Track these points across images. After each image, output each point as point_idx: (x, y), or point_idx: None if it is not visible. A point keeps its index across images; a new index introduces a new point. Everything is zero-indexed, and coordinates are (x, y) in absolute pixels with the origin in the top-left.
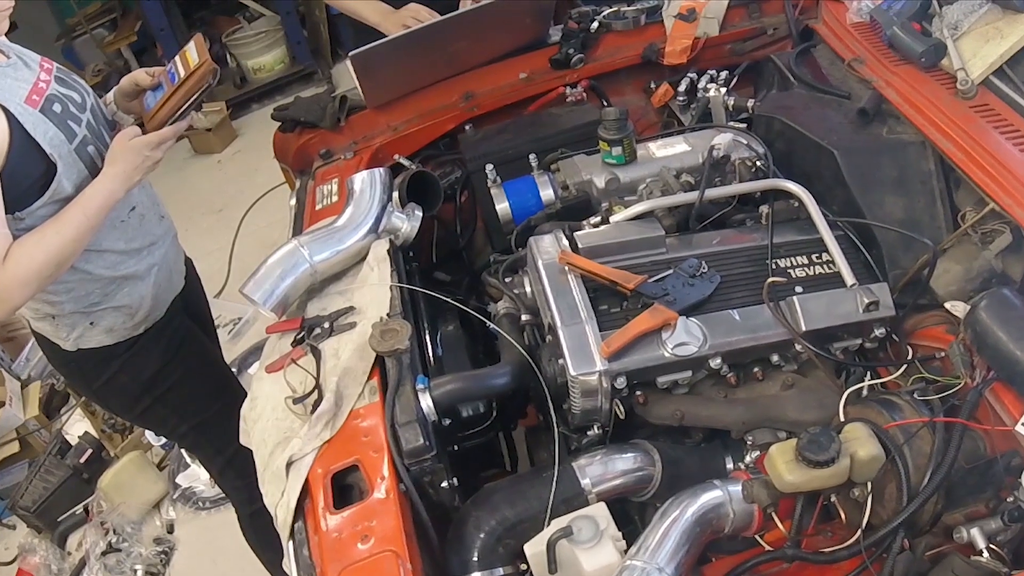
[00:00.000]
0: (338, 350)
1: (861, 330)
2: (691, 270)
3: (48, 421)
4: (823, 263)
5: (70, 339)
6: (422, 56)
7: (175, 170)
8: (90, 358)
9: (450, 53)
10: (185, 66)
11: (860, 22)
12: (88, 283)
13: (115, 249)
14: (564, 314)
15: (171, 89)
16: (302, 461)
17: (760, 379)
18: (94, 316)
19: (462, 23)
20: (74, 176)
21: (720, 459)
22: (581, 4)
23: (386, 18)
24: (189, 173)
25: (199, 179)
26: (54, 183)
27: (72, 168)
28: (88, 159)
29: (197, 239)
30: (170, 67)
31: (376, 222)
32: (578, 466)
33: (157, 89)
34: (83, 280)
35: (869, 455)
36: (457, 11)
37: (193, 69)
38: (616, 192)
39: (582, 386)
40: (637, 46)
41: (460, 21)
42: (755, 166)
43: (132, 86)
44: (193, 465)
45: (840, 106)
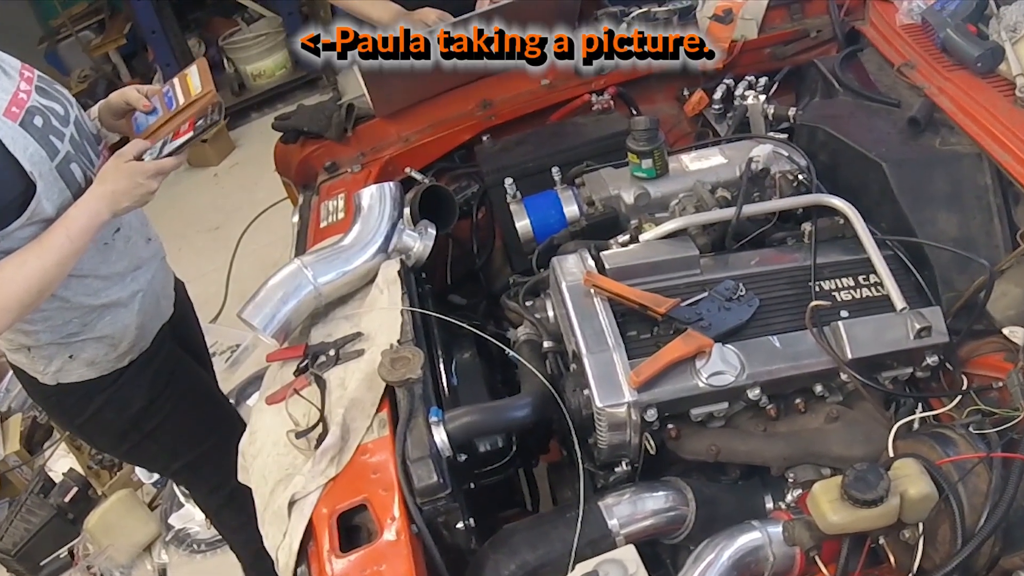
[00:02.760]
0: (344, 380)
1: (912, 358)
2: (727, 293)
3: (30, 456)
4: (871, 285)
5: (48, 373)
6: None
7: (168, 185)
8: (71, 393)
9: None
10: (185, 92)
11: (910, 24)
12: (66, 311)
13: (97, 274)
14: (590, 341)
15: (166, 115)
16: (305, 500)
17: (802, 411)
18: (73, 348)
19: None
20: (55, 196)
21: (759, 498)
22: (608, 4)
23: (397, 20)
24: (183, 188)
25: (194, 194)
26: (33, 203)
27: (53, 187)
28: (71, 177)
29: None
30: (167, 90)
31: (386, 241)
32: (605, 505)
33: (151, 113)
34: (61, 308)
35: (920, 494)
36: (474, 12)
37: (194, 98)
38: (646, 208)
39: (609, 419)
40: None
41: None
42: (797, 180)
43: (122, 104)
44: (188, 504)
45: (889, 115)
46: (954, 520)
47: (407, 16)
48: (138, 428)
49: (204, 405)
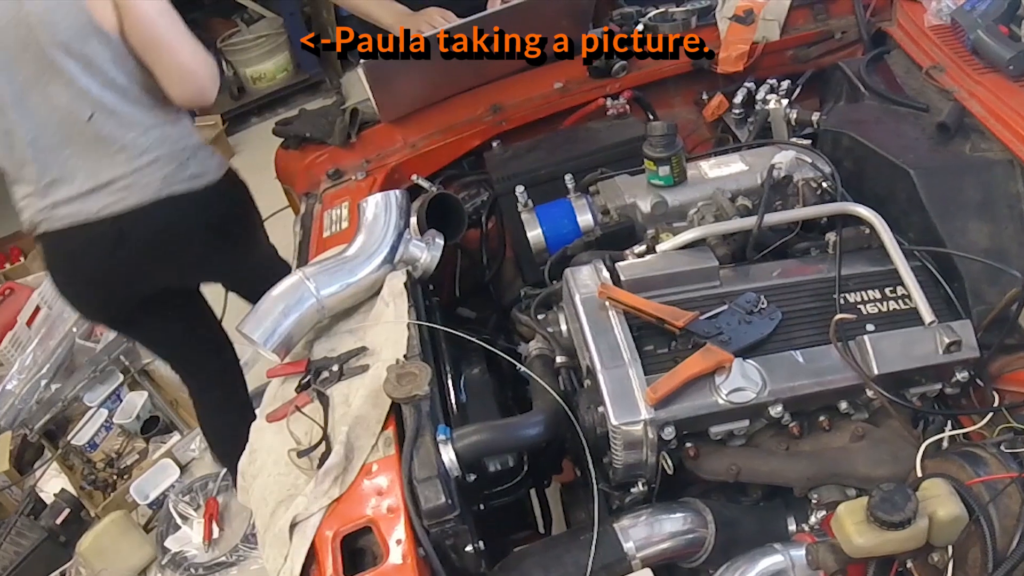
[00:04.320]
0: (348, 396)
1: (941, 373)
2: (748, 306)
3: (20, 476)
4: (898, 298)
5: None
6: (444, 64)
7: None
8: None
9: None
10: None
11: (939, 24)
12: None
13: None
14: (604, 356)
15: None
16: (308, 522)
17: (826, 429)
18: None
19: (489, 26)
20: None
21: (781, 520)
22: (624, 4)
23: (402, 21)
24: None
25: None
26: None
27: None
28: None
29: None
30: None
31: (391, 251)
32: (620, 527)
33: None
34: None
35: (950, 515)
36: (484, 12)
37: None
38: (663, 217)
39: (625, 437)
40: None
41: (487, 24)
42: (821, 188)
43: None
44: (184, 527)
45: (917, 120)
46: (985, 543)
47: (412, 17)
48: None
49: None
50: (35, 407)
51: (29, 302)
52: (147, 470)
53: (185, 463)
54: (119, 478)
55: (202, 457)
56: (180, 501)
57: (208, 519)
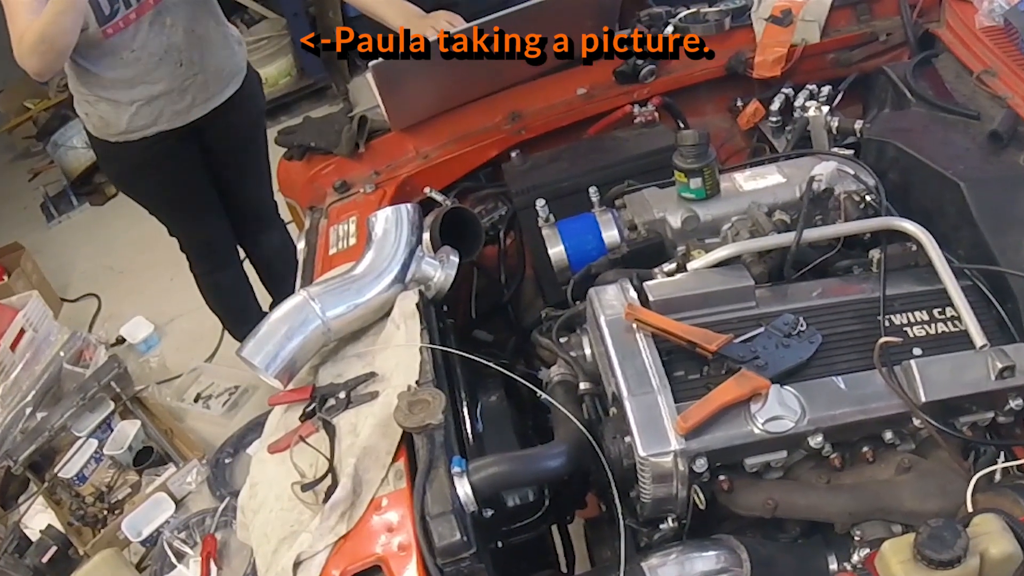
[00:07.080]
0: (356, 426)
1: (993, 401)
2: (786, 328)
3: (3, 512)
4: (947, 319)
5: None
6: (459, 67)
7: None
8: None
9: (493, 64)
10: None
11: (991, 26)
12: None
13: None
14: (632, 382)
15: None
16: (313, 560)
17: (870, 461)
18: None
19: (508, 26)
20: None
21: (821, 558)
22: (652, 5)
23: (413, 23)
24: None
25: None
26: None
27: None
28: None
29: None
30: None
31: (402, 270)
32: (649, 567)
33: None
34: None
35: (1003, 553)
36: (502, 11)
37: None
38: (695, 233)
39: (653, 469)
40: (721, 55)
41: (505, 24)
42: (864, 201)
43: None
44: (180, 566)
45: (967, 128)
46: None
47: (421, 19)
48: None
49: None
50: (19, 437)
51: (13, 324)
52: (140, 505)
53: (181, 497)
54: (110, 513)
55: (199, 491)
56: (175, 538)
57: (205, 557)
